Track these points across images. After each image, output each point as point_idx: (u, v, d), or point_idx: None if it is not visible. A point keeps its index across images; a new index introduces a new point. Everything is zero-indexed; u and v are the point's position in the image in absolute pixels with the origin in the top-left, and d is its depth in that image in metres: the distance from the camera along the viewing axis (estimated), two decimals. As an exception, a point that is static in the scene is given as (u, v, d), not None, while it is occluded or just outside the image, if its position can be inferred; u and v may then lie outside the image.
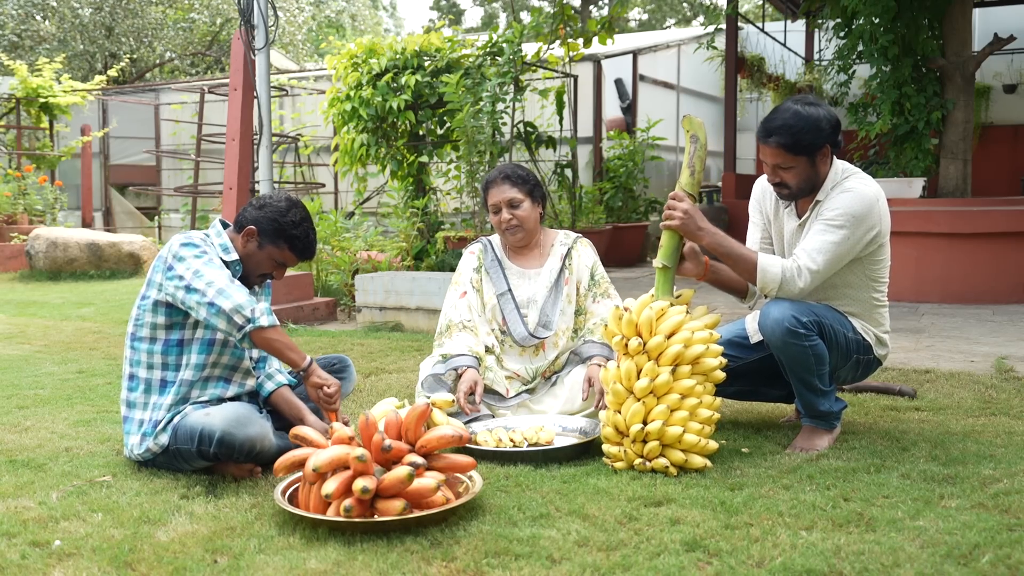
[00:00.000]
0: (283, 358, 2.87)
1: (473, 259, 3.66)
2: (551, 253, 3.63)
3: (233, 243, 3.02)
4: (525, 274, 3.61)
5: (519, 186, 3.52)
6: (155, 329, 2.91)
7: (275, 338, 2.82)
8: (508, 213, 3.51)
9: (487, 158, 7.19)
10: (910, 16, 7.85)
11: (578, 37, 8.07)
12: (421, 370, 3.54)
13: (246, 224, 3.00)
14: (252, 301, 2.81)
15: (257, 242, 2.99)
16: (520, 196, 3.51)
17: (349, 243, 7.42)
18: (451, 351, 3.45)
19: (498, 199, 3.53)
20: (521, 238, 3.58)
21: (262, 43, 6.25)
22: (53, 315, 7.07)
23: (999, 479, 2.65)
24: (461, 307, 3.56)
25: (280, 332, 2.84)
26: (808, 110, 2.95)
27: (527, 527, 2.34)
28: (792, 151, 2.95)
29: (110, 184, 14.50)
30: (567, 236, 3.69)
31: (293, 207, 3.03)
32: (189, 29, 21.94)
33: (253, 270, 3.03)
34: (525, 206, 3.52)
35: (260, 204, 3.02)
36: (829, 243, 2.93)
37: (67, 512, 2.52)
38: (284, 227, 2.98)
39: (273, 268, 3.04)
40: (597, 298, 3.58)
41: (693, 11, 31.47)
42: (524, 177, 3.55)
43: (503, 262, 3.64)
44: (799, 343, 2.93)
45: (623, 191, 10.43)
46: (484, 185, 3.62)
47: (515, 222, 3.52)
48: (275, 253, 3.00)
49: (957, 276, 6.88)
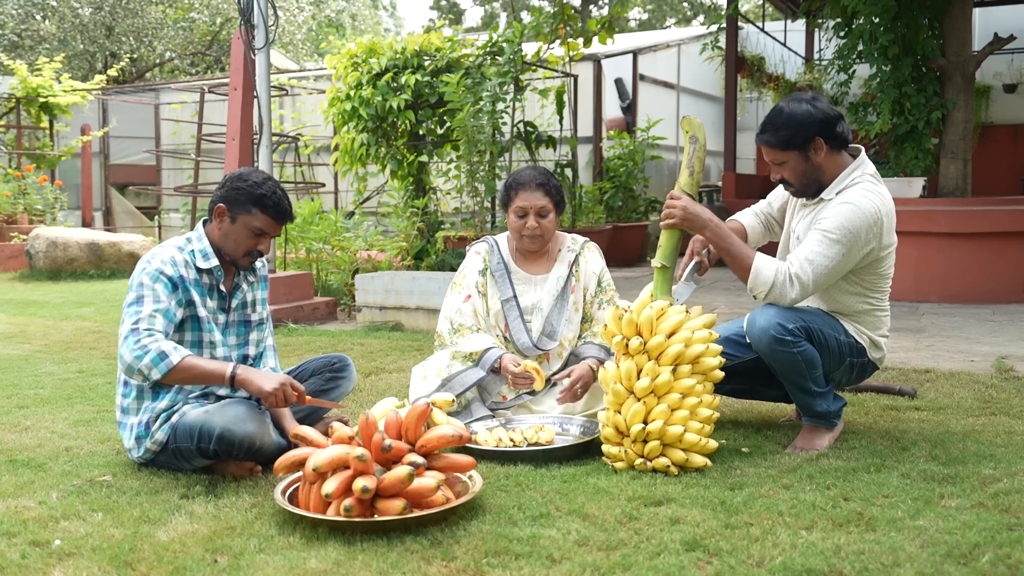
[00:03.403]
0: (206, 382, 2.78)
1: (479, 260, 3.59)
2: (559, 259, 3.57)
3: (210, 236, 2.95)
4: (531, 280, 3.56)
5: (551, 195, 3.46)
6: None
7: (184, 376, 2.71)
8: (535, 221, 3.44)
9: (487, 158, 7.20)
10: (910, 16, 7.86)
11: (578, 37, 8.07)
12: (429, 368, 3.48)
13: (214, 206, 2.93)
14: (143, 351, 2.67)
15: (229, 217, 2.90)
16: (550, 206, 3.46)
17: (349, 243, 7.42)
18: (477, 347, 3.41)
19: (528, 204, 3.43)
20: (540, 246, 3.53)
21: (262, 43, 6.25)
22: (53, 315, 7.07)
23: (999, 479, 2.65)
24: (466, 312, 3.51)
25: (188, 364, 2.69)
26: (793, 106, 2.97)
27: (527, 527, 2.34)
28: (778, 147, 2.97)
29: (110, 184, 14.50)
30: (575, 241, 3.63)
31: (253, 172, 2.95)
32: (189, 29, 21.94)
33: (235, 250, 2.92)
34: (551, 217, 3.47)
35: (221, 183, 2.95)
36: (822, 257, 2.89)
37: (67, 512, 2.52)
38: (248, 191, 2.88)
39: (254, 241, 2.92)
40: (603, 305, 3.55)
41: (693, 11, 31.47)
42: (557, 187, 3.49)
43: (509, 266, 3.57)
44: (787, 350, 2.92)
45: (623, 191, 10.44)
46: (512, 185, 3.50)
47: (539, 231, 3.46)
48: (249, 220, 2.89)
49: (957, 276, 6.88)
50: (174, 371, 2.68)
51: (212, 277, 2.95)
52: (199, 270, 2.92)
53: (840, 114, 3.02)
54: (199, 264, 2.91)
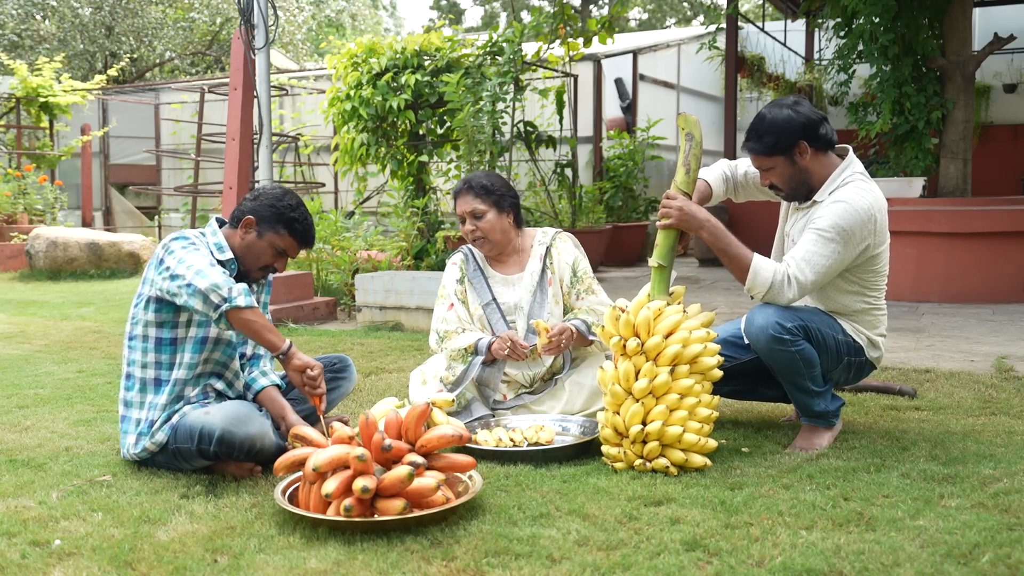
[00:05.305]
0: (261, 340, 2.82)
1: (455, 270, 3.62)
2: (532, 255, 3.59)
3: (229, 240, 3.00)
4: (508, 280, 3.58)
5: (482, 197, 3.47)
6: (147, 327, 2.90)
7: (252, 319, 2.77)
8: (471, 224, 3.49)
9: (487, 158, 7.19)
10: (910, 15, 7.85)
11: (578, 37, 8.07)
12: (428, 371, 3.53)
13: (241, 215, 2.98)
14: (229, 281, 2.77)
15: (256, 231, 2.97)
16: (483, 207, 3.46)
17: (349, 242, 7.42)
18: (468, 342, 3.44)
19: (462, 210, 3.51)
20: (489, 249, 3.55)
21: (262, 42, 6.25)
22: (53, 315, 7.07)
23: (999, 479, 2.65)
24: (451, 320, 3.55)
25: (258, 314, 2.80)
26: (775, 112, 2.99)
27: (527, 527, 2.35)
28: (764, 153, 3.00)
29: (110, 184, 14.50)
30: (544, 234, 3.64)
31: (288, 194, 3.03)
32: (189, 28, 21.94)
33: (254, 262, 3.00)
34: (489, 217, 3.47)
35: (255, 195, 3.02)
36: (819, 256, 2.90)
37: (67, 511, 2.52)
38: (282, 211, 2.96)
39: (274, 258, 3.01)
40: (581, 295, 3.55)
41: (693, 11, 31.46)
42: (488, 187, 3.48)
43: (485, 271, 3.60)
44: (785, 349, 2.92)
45: (623, 191, 10.44)
46: (453, 195, 3.60)
47: (479, 233, 3.49)
48: (275, 240, 2.98)
49: (957, 276, 6.87)
50: (253, 310, 2.76)
51: (227, 270, 2.97)
52: (216, 261, 2.95)
53: (823, 116, 3.03)
54: (216, 256, 2.94)
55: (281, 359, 2.87)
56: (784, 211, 3.28)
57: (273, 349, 2.83)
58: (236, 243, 3.00)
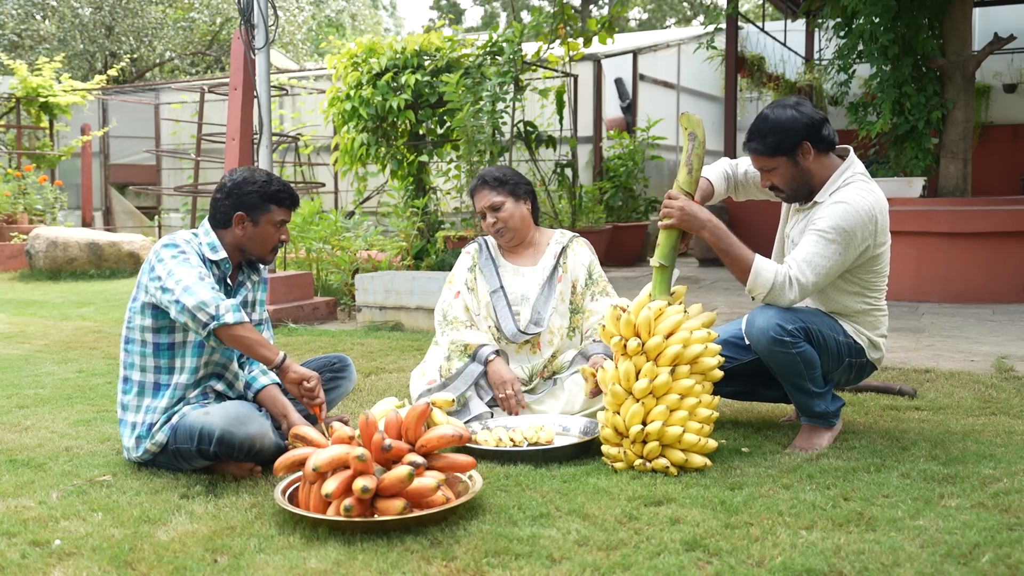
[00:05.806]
0: (254, 355, 2.82)
1: (468, 259, 3.71)
2: (546, 251, 3.67)
3: (226, 238, 3.01)
4: (519, 271, 3.65)
5: (498, 189, 3.59)
6: (144, 332, 2.90)
7: (243, 335, 2.77)
8: (492, 217, 3.59)
9: (487, 158, 7.19)
10: (910, 15, 7.85)
11: (578, 36, 8.06)
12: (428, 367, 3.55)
13: (226, 216, 2.98)
14: (218, 298, 2.76)
15: (251, 221, 2.98)
16: (500, 199, 3.58)
17: (349, 242, 7.42)
18: (473, 341, 3.48)
19: (480, 206, 3.62)
20: (511, 238, 3.64)
21: (262, 42, 6.25)
22: (53, 315, 7.07)
23: (999, 479, 2.65)
24: (457, 307, 3.61)
25: (249, 328, 2.79)
26: (778, 112, 2.98)
27: (527, 526, 2.34)
28: (766, 153, 2.99)
29: (110, 184, 14.50)
30: (563, 235, 3.72)
31: (253, 172, 3.04)
32: (189, 28, 21.94)
33: (263, 248, 3.02)
34: (507, 207, 3.58)
35: (226, 192, 2.99)
36: (820, 257, 2.90)
37: (67, 512, 2.52)
38: (260, 191, 2.97)
39: (278, 233, 3.03)
40: (596, 296, 3.61)
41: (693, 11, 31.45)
42: (501, 179, 3.61)
43: (497, 260, 3.69)
44: (786, 350, 2.92)
45: (623, 191, 10.43)
46: (470, 193, 3.70)
47: (500, 224, 3.60)
48: (270, 218, 2.99)
49: (957, 276, 6.87)
50: (243, 326, 2.76)
51: (220, 269, 2.98)
52: (208, 262, 2.95)
53: (825, 117, 3.03)
54: (208, 256, 2.95)
55: (276, 372, 2.87)
56: (784, 212, 3.28)
57: (267, 363, 2.83)
58: (237, 239, 3.00)
